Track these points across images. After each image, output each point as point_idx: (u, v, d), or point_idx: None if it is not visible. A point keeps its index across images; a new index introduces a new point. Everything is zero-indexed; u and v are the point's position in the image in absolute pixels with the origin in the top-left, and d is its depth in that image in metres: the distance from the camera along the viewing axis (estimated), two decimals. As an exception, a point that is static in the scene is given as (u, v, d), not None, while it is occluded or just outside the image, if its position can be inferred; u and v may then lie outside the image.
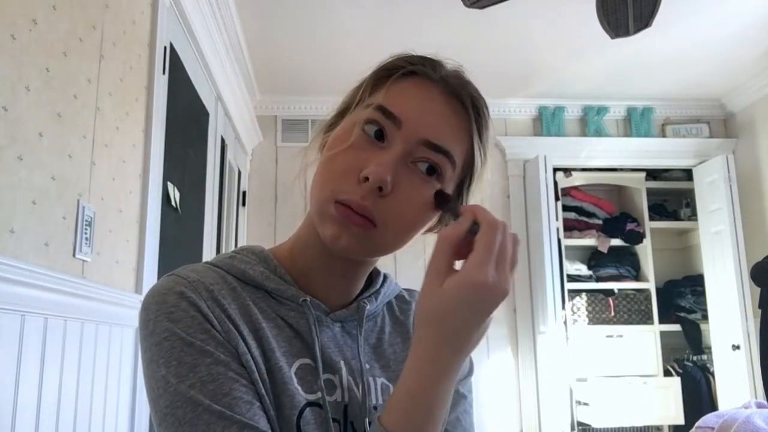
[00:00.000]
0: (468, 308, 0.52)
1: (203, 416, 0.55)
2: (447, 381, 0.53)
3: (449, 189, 0.65)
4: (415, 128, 0.61)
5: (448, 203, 0.62)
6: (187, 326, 0.58)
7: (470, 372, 0.76)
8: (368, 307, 0.69)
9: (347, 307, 0.69)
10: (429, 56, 0.67)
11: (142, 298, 1.84)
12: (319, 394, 0.62)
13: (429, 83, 0.65)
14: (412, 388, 0.53)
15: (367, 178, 0.59)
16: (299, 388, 0.61)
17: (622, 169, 4.27)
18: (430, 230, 0.69)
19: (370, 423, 0.63)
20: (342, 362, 0.65)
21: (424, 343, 0.54)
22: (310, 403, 0.61)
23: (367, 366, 0.67)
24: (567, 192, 4.31)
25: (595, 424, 3.75)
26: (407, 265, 3.03)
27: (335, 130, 0.66)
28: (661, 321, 4.15)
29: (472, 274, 0.52)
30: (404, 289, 0.79)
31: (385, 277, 0.75)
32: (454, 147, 0.63)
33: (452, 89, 0.65)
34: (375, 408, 0.65)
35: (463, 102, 0.65)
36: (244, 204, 3.81)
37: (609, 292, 4.19)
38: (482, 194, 0.69)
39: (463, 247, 0.55)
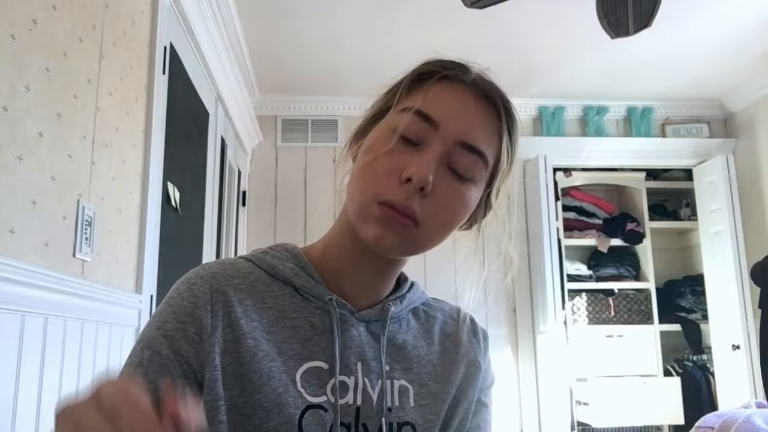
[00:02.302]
0: None
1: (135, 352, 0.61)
2: None
3: (480, 188, 0.67)
4: (452, 130, 0.63)
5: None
6: (171, 312, 0.62)
7: (492, 382, 0.77)
8: (393, 309, 0.70)
9: (373, 307, 0.70)
10: (458, 60, 0.70)
11: (142, 298, 1.85)
12: (324, 397, 0.62)
13: (462, 86, 0.67)
14: None
15: (409, 179, 0.61)
16: (303, 390, 0.62)
17: (622, 169, 4.27)
18: (462, 228, 0.71)
19: (382, 424, 0.64)
20: (359, 364, 0.66)
21: None
22: (313, 406, 0.62)
23: (388, 367, 0.67)
24: (567, 192, 4.31)
25: (595, 424, 3.75)
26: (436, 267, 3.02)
27: (371, 133, 0.68)
28: (661, 321, 4.15)
29: None
30: (431, 298, 0.80)
31: (413, 284, 0.77)
32: (487, 148, 0.65)
33: (484, 92, 0.67)
34: (389, 409, 0.65)
35: (495, 103, 0.67)
36: (244, 204, 3.81)
37: (609, 292, 4.19)
38: (508, 191, 0.71)
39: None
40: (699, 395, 3.96)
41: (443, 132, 0.63)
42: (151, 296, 1.95)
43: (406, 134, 0.63)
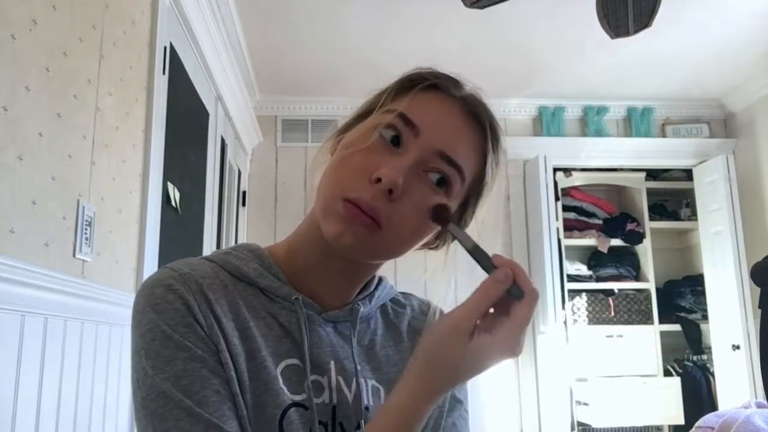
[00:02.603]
0: (487, 366, 0.56)
1: (173, 411, 0.55)
2: (431, 409, 0.57)
3: (455, 204, 0.66)
4: (433, 139, 0.62)
5: (445, 218, 0.62)
6: (170, 318, 0.59)
7: None
8: (362, 309, 0.69)
9: (341, 308, 0.69)
10: (452, 74, 0.68)
11: (142, 298, 1.85)
12: (305, 395, 0.62)
13: (450, 99, 0.66)
14: (404, 410, 0.55)
15: (379, 180, 0.59)
16: (284, 388, 0.61)
17: (622, 169, 4.27)
18: (430, 247, 0.70)
19: (361, 424, 0.63)
20: (332, 362, 0.65)
21: (430, 379, 0.56)
22: (295, 404, 0.61)
23: (359, 367, 0.67)
24: (567, 192, 4.31)
25: (595, 424, 3.75)
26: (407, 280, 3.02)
27: (352, 131, 0.67)
28: (661, 321, 4.15)
29: (507, 346, 0.54)
30: (400, 292, 0.79)
31: (380, 279, 0.75)
32: (467, 163, 0.64)
33: (472, 108, 0.66)
34: (367, 408, 0.65)
35: (481, 121, 0.66)
36: (244, 204, 3.81)
37: (609, 292, 4.19)
38: (486, 211, 0.70)
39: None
40: (699, 395, 3.96)
41: (423, 139, 0.62)
42: (151, 296, 1.94)
43: (385, 134, 0.63)
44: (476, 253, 0.58)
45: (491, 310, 0.56)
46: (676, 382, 3.95)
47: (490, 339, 0.54)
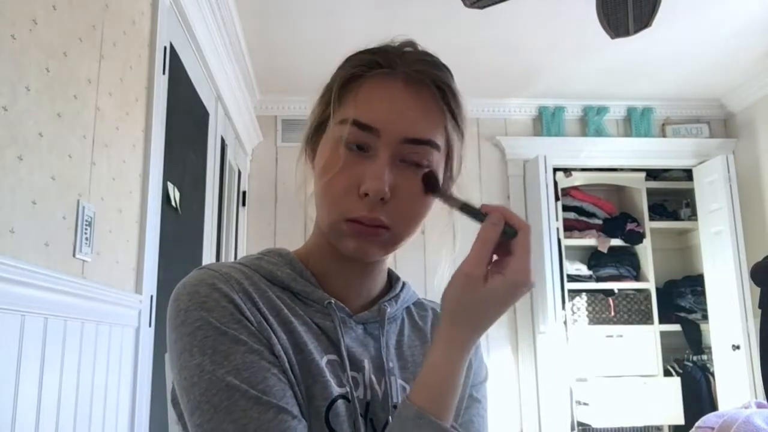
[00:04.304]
0: (507, 304, 0.60)
1: (240, 402, 0.56)
2: (467, 359, 0.60)
3: (440, 171, 0.68)
4: (393, 132, 0.64)
5: (436, 186, 0.66)
6: (220, 316, 0.60)
7: (486, 378, 0.78)
8: (389, 309, 0.72)
9: (369, 309, 0.71)
10: (380, 47, 0.69)
11: (142, 298, 1.85)
12: (347, 388, 0.64)
13: (389, 79, 0.66)
14: (443, 366, 0.59)
15: (367, 194, 0.62)
16: (331, 380, 0.63)
17: (622, 169, 4.27)
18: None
19: (389, 420, 0.65)
20: (367, 360, 0.67)
21: (459, 330, 0.59)
22: (341, 396, 0.63)
23: (390, 365, 0.69)
24: (567, 192, 4.31)
25: (595, 424, 3.75)
26: (407, 261, 3.10)
27: (320, 151, 0.69)
28: (661, 321, 4.15)
29: (520, 277, 0.59)
30: (422, 297, 0.82)
31: (404, 283, 0.78)
32: (434, 132, 0.65)
33: (413, 76, 0.66)
34: (394, 407, 0.66)
35: (426, 84, 0.66)
36: (244, 204, 3.80)
37: (609, 292, 4.19)
38: (467, 169, 0.72)
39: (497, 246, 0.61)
40: (699, 395, 3.95)
41: (385, 136, 0.64)
42: (151, 296, 1.94)
43: (351, 147, 0.64)
44: (467, 209, 0.63)
45: (494, 258, 0.61)
46: (676, 382, 3.95)
47: (502, 278, 0.59)
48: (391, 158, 0.64)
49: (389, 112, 0.64)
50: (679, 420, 3.83)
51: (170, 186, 2.20)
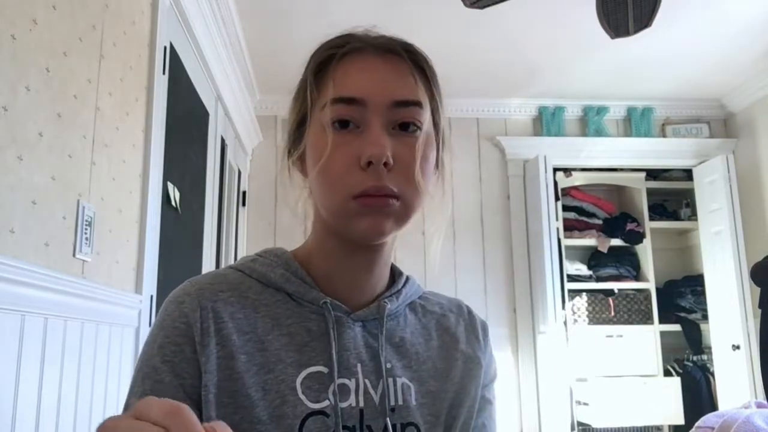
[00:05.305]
0: None
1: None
2: None
3: (431, 129, 0.67)
4: (379, 97, 0.63)
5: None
6: (165, 336, 0.62)
7: (495, 376, 0.77)
8: (389, 306, 0.69)
9: (368, 306, 0.69)
10: (344, 33, 0.69)
11: (142, 297, 1.85)
12: (326, 402, 0.62)
13: (361, 54, 0.66)
14: None
15: (370, 162, 0.60)
16: (303, 398, 0.61)
17: (622, 169, 4.27)
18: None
19: (385, 425, 0.64)
20: (359, 365, 0.65)
21: None
22: (314, 413, 0.61)
23: (389, 365, 0.67)
24: (567, 192, 4.31)
25: (595, 424, 3.75)
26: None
27: (308, 147, 0.67)
28: (661, 321, 4.15)
29: None
30: (428, 291, 0.79)
31: (408, 278, 0.76)
32: (417, 92, 0.65)
33: (383, 47, 0.67)
34: (393, 409, 0.65)
35: (397, 52, 0.67)
36: (244, 204, 3.80)
37: (609, 292, 4.19)
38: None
39: None
40: (699, 395, 3.96)
41: (372, 104, 0.63)
42: (151, 296, 1.95)
43: (339, 125, 0.63)
44: None
45: None
46: (676, 382, 3.95)
47: None
48: (384, 125, 0.63)
49: (371, 81, 0.64)
50: (679, 420, 3.83)
51: (170, 186, 2.20)
